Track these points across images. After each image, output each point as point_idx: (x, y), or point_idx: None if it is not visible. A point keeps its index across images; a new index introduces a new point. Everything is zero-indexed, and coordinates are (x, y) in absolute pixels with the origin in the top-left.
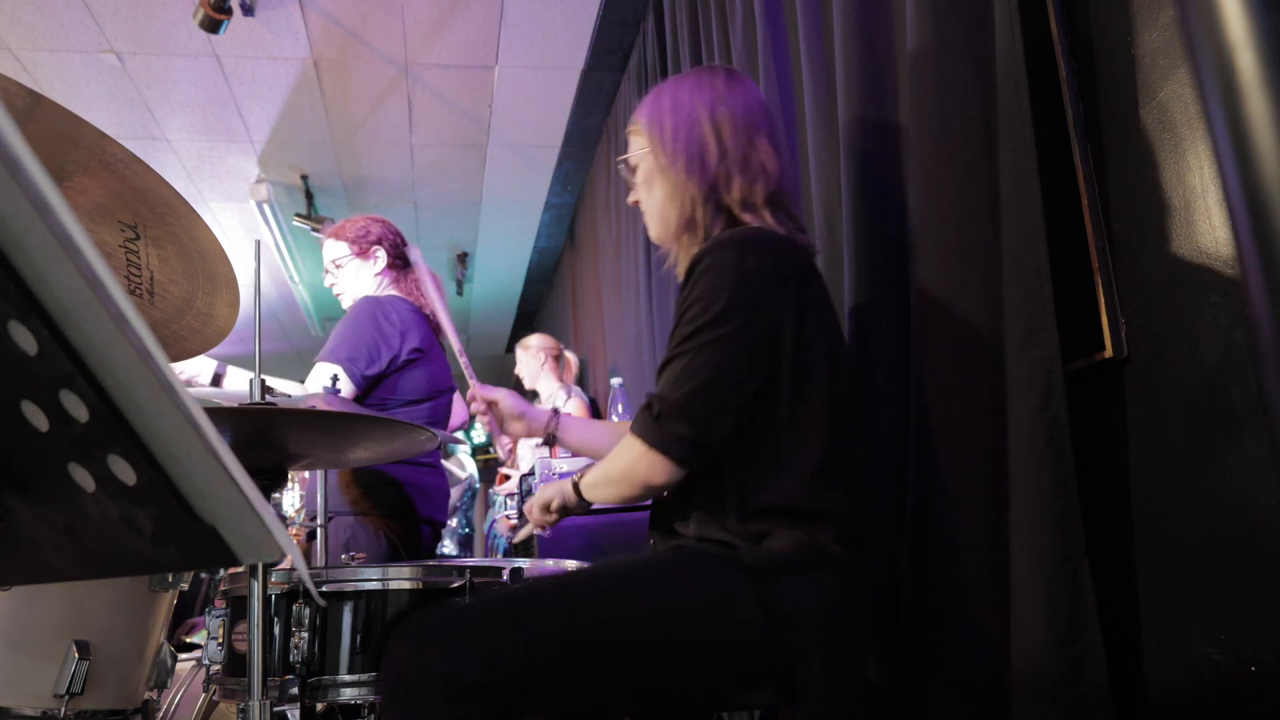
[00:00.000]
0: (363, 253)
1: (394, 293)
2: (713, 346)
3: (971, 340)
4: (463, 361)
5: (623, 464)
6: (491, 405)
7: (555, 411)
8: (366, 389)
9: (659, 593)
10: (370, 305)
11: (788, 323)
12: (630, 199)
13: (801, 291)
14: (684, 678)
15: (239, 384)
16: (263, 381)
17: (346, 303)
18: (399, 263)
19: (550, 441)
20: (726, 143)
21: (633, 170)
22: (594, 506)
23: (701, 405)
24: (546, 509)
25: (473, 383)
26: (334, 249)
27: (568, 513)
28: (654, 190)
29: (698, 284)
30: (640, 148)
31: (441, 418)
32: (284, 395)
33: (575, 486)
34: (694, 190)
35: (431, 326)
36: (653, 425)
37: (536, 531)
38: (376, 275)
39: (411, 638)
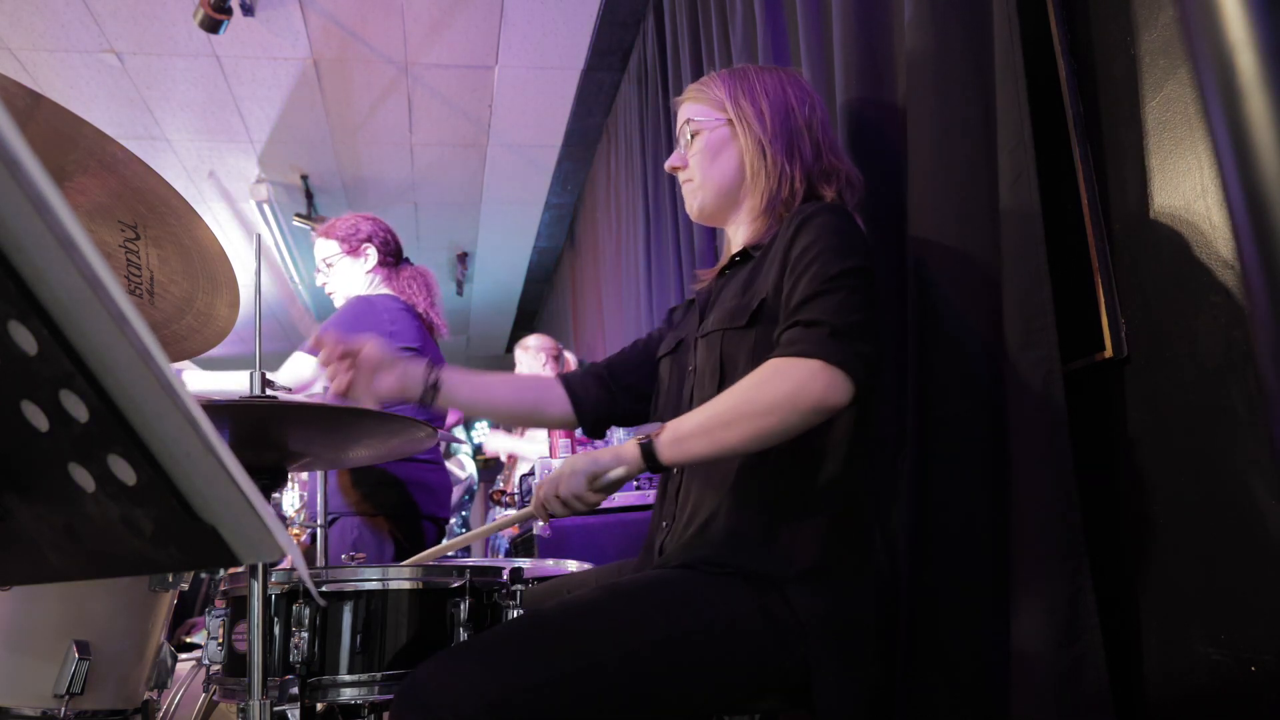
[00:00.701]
0: (353, 250)
1: (386, 290)
2: (866, 290)
3: (971, 340)
4: (295, 308)
5: (786, 386)
6: (349, 356)
7: (435, 364)
8: None
9: (664, 622)
10: (361, 305)
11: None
12: (673, 163)
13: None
14: (692, 700)
15: (196, 385)
16: (263, 375)
17: (338, 301)
18: (390, 260)
19: (429, 400)
20: (819, 140)
21: (694, 136)
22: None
23: (874, 332)
24: (593, 482)
25: (315, 326)
26: (324, 248)
27: (616, 488)
28: (719, 161)
29: (821, 234)
30: (710, 116)
31: (439, 414)
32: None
33: (647, 447)
34: (796, 175)
35: (424, 324)
36: (829, 341)
37: (539, 532)
38: (368, 273)
39: (415, 696)
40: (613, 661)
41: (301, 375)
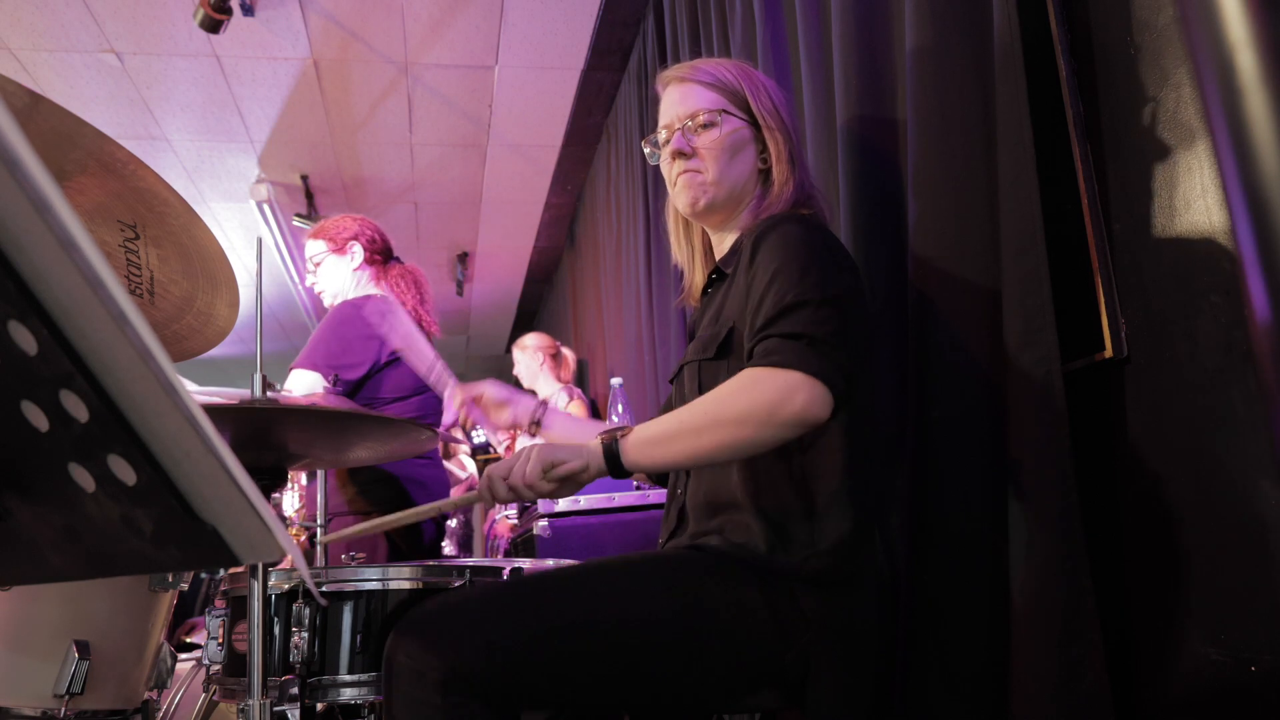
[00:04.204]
0: (339, 249)
1: (375, 290)
2: (834, 304)
3: (970, 340)
4: (439, 367)
5: (765, 397)
6: (477, 400)
7: (543, 402)
8: (350, 391)
9: (667, 593)
10: (347, 310)
11: (865, 318)
12: (680, 146)
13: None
14: (687, 679)
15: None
16: (264, 378)
17: (327, 300)
18: (378, 258)
19: (533, 432)
20: (806, 162)
21: (707, 126)
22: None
23: (848, 343)
24: (547, 471)
25: (452, 382)
26: (312, 248)
27: (575, 487)
28: (737, 161)
29: (778, 250)
30: (730, 109)
31: (432, 411)
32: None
33: (610, 448)
34: (806, 183)
35: (415, 321)
36: (809, 352)
37: (508, 517)
38: (355, 271)
39: (412, 630)
40: (611, 622)
41: (299, 391)
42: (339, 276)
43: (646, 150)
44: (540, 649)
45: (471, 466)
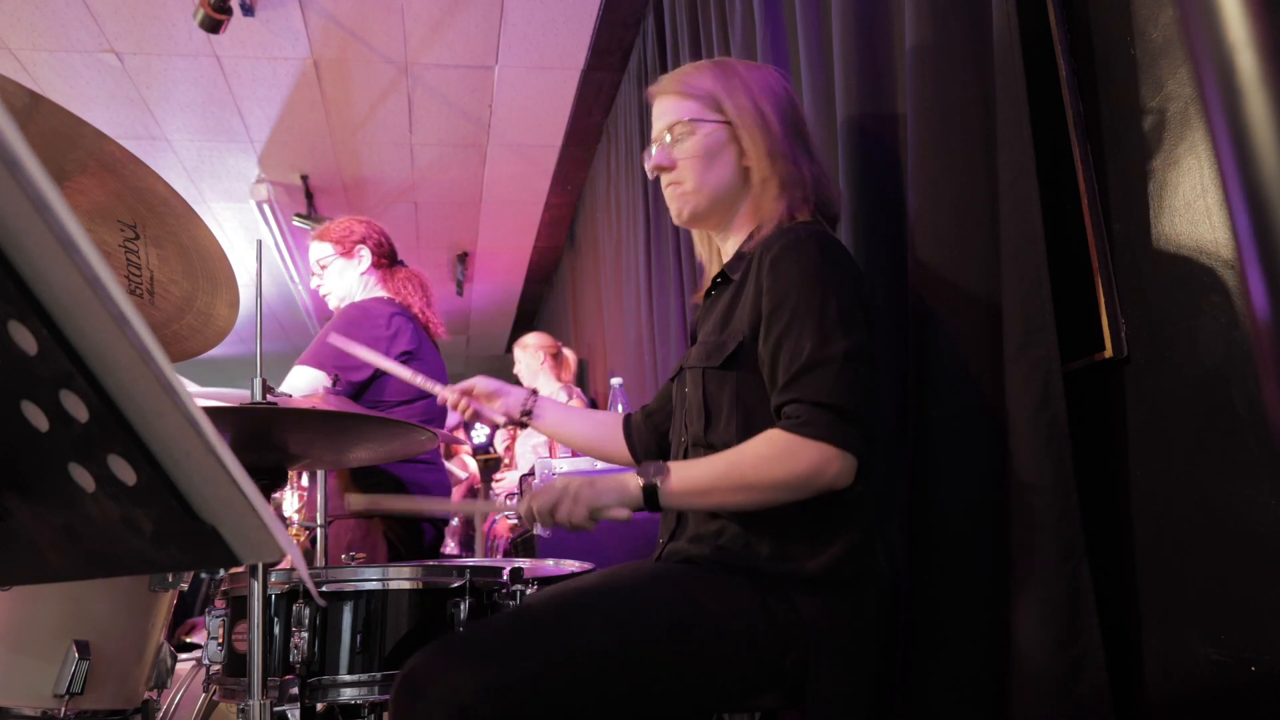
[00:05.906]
0: (347, 252)
1: (382, 292)
2: (855, 360)
3: (970, 340)
4: (418, 381)
5: (800, 469)
6: (467, 394)
7: (533, 391)
8: (355, 393)
9: (663, 611)
10: (356, 312)
11: (875, 340)
12: (659, 162)
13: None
14: (689, 692)
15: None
16: (264, 381)
17: (333, 303)
18: (384, 262)
19: (523, 422)
20: (812, 149)
21: (685, 136)
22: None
23: (871, 398)
24: (593, 515)
25: (438, 389)
26: (319, 250)
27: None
28: (716, 166)
29: (793, 286)
30: (703, 115)
31: (437, 414)
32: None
33: (650, 491)
34: (808, 181)
35: (421, 325)
36: (840, 425)
37: (539, 532)
38: (362, 275)
39: (421, 667)
40: (612, 649)
41: (300, 387)
42: (346, 280)
43: (646, 166)
44: (543, 686)
45: (473, 466)
